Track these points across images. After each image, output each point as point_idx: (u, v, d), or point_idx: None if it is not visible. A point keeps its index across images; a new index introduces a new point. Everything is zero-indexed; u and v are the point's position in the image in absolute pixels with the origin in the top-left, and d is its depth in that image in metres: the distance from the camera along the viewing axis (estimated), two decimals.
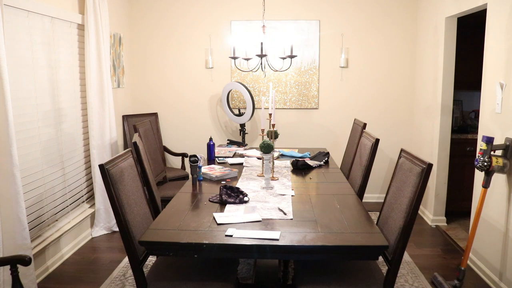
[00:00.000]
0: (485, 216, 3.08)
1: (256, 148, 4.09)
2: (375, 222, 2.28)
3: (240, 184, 2.88)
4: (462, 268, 2.90)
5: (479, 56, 3.31)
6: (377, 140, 2.95)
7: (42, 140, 3.17)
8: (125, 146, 4.60)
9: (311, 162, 3.41)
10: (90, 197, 3.98)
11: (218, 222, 2.16)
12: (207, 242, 1.93)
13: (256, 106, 4.65)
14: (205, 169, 3.18)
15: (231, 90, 4.68)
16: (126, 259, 3.31)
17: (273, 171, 3.07)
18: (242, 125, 4.65)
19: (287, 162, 3.53)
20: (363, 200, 2.95)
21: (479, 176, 3.16)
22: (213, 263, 2.32)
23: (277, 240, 1.95)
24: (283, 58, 3.29)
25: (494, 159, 2.71)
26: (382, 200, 2.47)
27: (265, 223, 2.16)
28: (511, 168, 2.76)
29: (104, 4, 3.83)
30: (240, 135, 4.68)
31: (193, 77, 4.88)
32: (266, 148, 2.70)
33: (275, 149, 3.44)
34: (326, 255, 2.06)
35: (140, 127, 3.60)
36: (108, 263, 3.35)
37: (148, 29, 4.82)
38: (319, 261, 2.32)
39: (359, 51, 4.73)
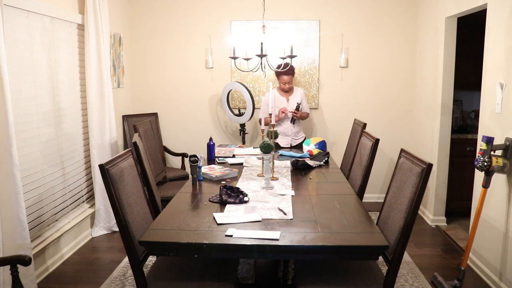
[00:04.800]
0: (485, 216, 3.08)
1: (255, 147, 4.06)
2: (375, 222, 2.28)
3: (240, 184, 2.88)
4: (462, 268, 2.90)
5: (479, 56, 3.31)
6: (377, 140, 2.95)
7: (42, 140, 3.17)
8: (125, 146, 4.60)
9: (311, 162, 3.41)
10: (90, 197, 3.98)
11: (218, 222, 2.16)
12: (207, 242, 1.93)
13: (256, 106, 4.65)
14: (205, 169, 3.18)
15: (231, 90, 4.68)
16: (126, 259, 3.31)
17: (273, 171, 3.07)
18: (242, 125, 4.65)
19: (287, 162, 3.53)
20: (363, 200, 2.95)
21: (479, 176, 3.16)
22: (213, 263, 2.32)
23: (277, 240, 1.95)
24: (283, 58, 3.28)
25: (494, 159, 2.71)
26: (382, 200, 2.47)
27: (265, 223, 2.16)
28: (511, 168, 2.76)
29: (104, 4, 3.83)
30: (240, 135, 4.68)
31: (193, 77, 4.88)
32: (266, 148, 2.70)
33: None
34: (326, 255, 2.06)
35: (140, 127, 3.60)
36: (108, 263, 3.35)
37: (148, 29, 4.81)
38: (319, 261, 2.32)
39: (359, 51, 4.73)
